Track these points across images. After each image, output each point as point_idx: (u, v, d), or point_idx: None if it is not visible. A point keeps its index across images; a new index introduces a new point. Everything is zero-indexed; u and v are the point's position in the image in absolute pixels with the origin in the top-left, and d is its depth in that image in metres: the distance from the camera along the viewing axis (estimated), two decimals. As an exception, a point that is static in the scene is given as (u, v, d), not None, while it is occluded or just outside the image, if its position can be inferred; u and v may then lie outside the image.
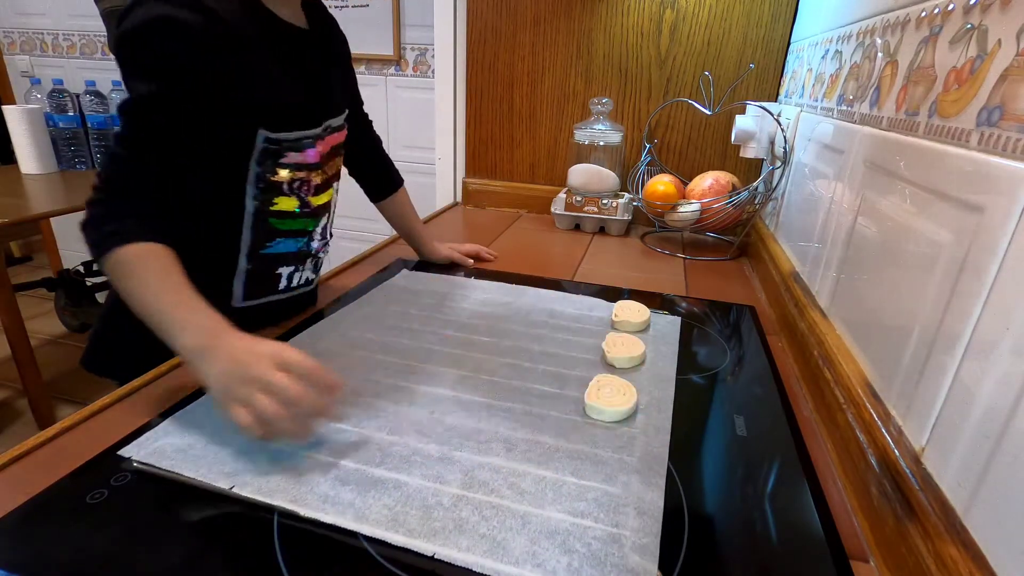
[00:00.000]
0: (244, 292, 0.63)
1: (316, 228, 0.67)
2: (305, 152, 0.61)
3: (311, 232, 0.67)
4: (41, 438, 0.46)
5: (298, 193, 0.62)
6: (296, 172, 0.61)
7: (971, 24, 0.41)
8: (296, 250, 0.66)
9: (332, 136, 0.66)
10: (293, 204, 0.63)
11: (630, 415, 0.52)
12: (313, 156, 0.62)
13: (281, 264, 0.65)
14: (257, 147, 0.57)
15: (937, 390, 0.38)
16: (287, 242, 0.64)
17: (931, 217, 0.43)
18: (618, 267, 0.97)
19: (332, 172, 0.68)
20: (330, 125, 0.65)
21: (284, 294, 0.68)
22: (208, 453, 0.44)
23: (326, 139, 0.64)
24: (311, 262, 0.70)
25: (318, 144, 0.62)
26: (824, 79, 0.80)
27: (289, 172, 0.60)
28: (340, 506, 0.40)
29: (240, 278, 0.63)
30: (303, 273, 0.69)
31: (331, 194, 0.69)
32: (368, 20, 1.61)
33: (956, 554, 0.32)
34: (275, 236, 0.63)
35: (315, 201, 0.65)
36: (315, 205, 0.65)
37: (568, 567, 0.36)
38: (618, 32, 1.17)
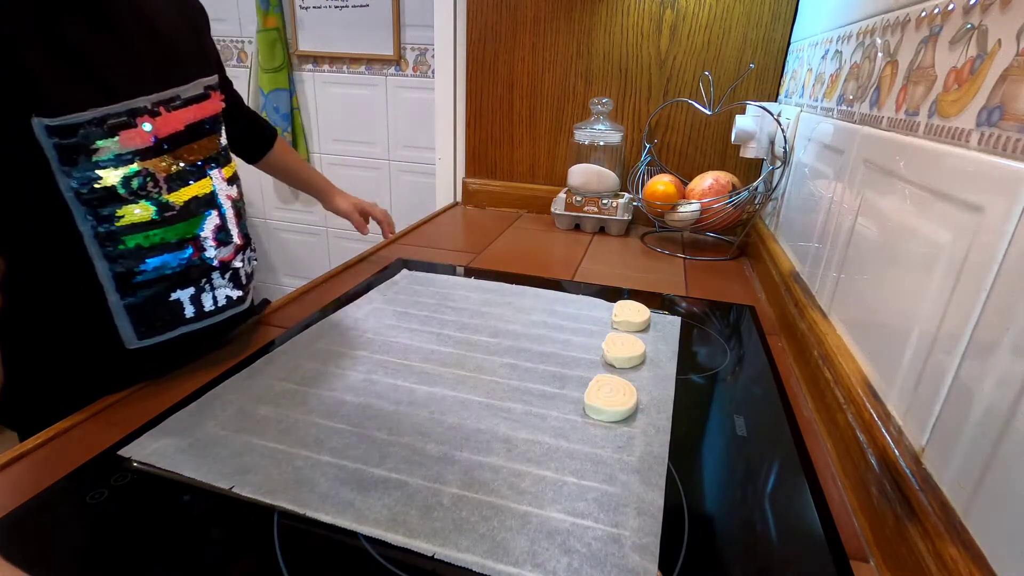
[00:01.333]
0: (136, 330, 0.51)
1: (202, 231, 0.54)
2: (124, 135, 0.46)
3: (196, 238, 0.53)
4: (41, 438, 0.46)
5: (145, 195, 0.48)
6: (125, 166, 0.46)
7: (971, 24, 0.41)
8: (180, 266, 0.52)
9: (181, 111, 0.51)
10: (146, 211, 0.49)
11: (630, 415, 0.52)
12: (143, 139, 0.47)
13: (172, 289, 0.52)
14: (45, 145, 0.43)
15: (937, 390, 0.38)
16: (162, 259, 0.51)
17: (931, 217, 0.43)
18: (618, 267, 0.97)
19: (199, 157, 0.53)
20: (179, 95, 0.51)
21: (200, 321, 0.55)
22: (208, 453, 0.44)
23: (169, 115, 0.50)
24: (224, 276, 0.57)
25: (143, 121, 0.47)
26: (824, 79, 0.80)
27: (115, 169, 0.46)
28: (340, 506, 0.40)
29: (122, 316, 0.50)
30: (216, 292, 0.56)
31: (208, 184, 0.54)
32: (368, 20, 1.61)
33: (956, 554, 0.32)
34: (141, 256, 0.49)
35: (178, 199, 0.51)
36: (180, 204, 0.51)
37: (568, 567, 0.36)
38: (618, 32, 1.17)
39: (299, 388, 0.54)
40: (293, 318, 0.70)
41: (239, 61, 1.81)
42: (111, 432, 0.47)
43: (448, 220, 1.27)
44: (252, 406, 0.50)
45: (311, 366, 0.58)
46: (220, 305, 0.56)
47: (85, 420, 0.49)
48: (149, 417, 0.48)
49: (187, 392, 0.52)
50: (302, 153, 1.81)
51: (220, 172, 0.56)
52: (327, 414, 0.50)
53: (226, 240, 0.57)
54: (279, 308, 0.74)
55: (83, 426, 0.49)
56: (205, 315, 0.55)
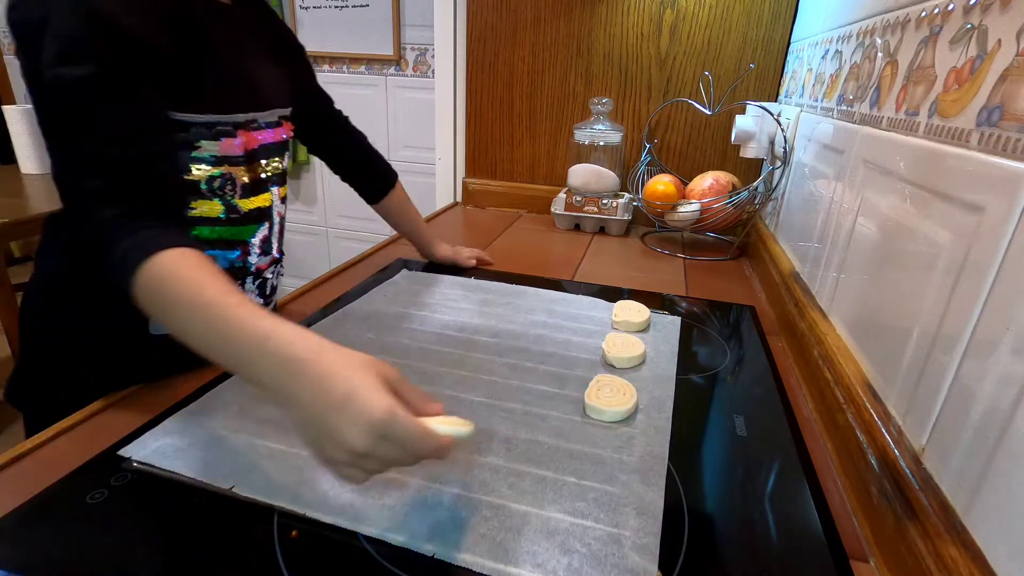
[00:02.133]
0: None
1: (253, 239, 0.59)
2: (222, 142, 0.53)
3: (247, 243, 0.58)
4: (41, 438, 0.46)
5: (221, 195, 0.54)
6: (213, 168, 0.53)
7: (971, 24, 0.41)
8: (227, 265, 0.57)
9: (263, 132, 0.58)
10: (216, 208, 0.54)
11: (630, 415, 0.52)
12: (235, 148, 0.54)
13: None
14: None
15: (937, 390, 0.38)
16: (212, 254, 0.55)
17: (931, 217, 0.43)
18: (618, 267, 0.97)
19: (267, 174, 0.60)
20: (258, 119, 0.58)
21: None
22: (208, 453, 0.44)
23: (253, 134, 0.57)
24: (254, 282, 0.61)
25: (239, 135, 0.54)
26: (824, 79, 0.80)
27: (206, 168, 0.52)
28: (339, 506, 0.40)
29: None
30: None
31: (269, 199, 0.60)
32: (368, 20, 1.61)
33: (956, 554, 0.32)
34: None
35: (245, 205, 0.57)
36: (246, 210, 0.57)
37: (568, 567, 0.36)
38: (618, 32, 1.17)
39: (299, 388, 0.54)
40: (293, 318, 0.70)
41: (239, 61, 1.81)
42: (111, 432, 0.47)
43: (448, 220, 1.27)
44: (252, 406, 0.50)
45: (311, 366, 0.58)
46: None
47: (85, 420, 0.49)
48: (149, 417, 0.48)
49: (187, 392, 0.52)
50: (301, 154, 1.81)
51: (278, 190, 0.62)
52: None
53: (267, 251, 0.62)
54: (279, 308, 0.74)
55: (83, 426, 0.49)
56: None
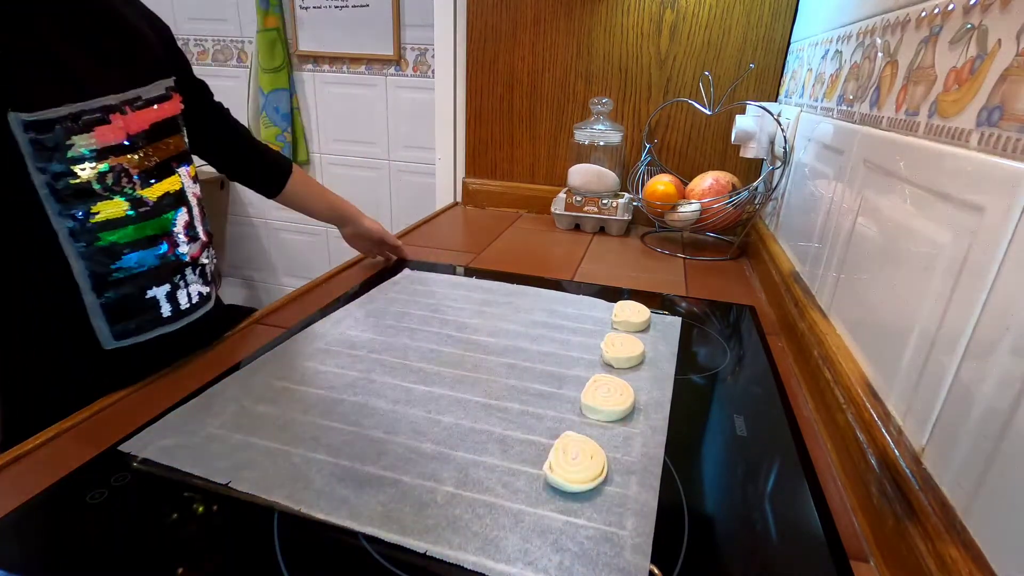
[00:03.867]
0: (112, 330, 0.51)
1: (175, 228, 0.55)
2: (97, 132, 0.47)
3: (170, 234, 0.54)
4: (41, 438, 0.46)
5: (119, 190, 0.49)
6: (99, 162, 0.48)
7: (971, 24, 0.41)
8: (156, 262, 0.53)
9: (146, 111, 0.53)
10: (121, 207, 0.50)
11: (627, 415, 0.52)
12: (116, 134, 0.49)
13: (147, 285, 0.53)
14: (21, 141, 0.43)
15: (937, 390, 0.38)
16: (138, 255, 0.52)
17: (931, 217, 0.43)
18: (618, 267, 0.97)
19: (166, 154, 0.55)
20: (140, 96, 0.52)
21: (178, 321, 0.56)
22: (207, 450, 0.44)
23: (135, 115, 0.51)
24: (193, 272, 0.58)
25: (115, 119, 0.49)
26: (824, 79, 0.80)
27: (91, 165, 0.47)
28: (335, 502, 0.40)
29: (98, 315, 0.50)
30: (190, 288, 0.57)
31: (178, 181, 0.56)
32: (368, 20, 1.61)
33: (956, 554, 0.32)
34: (118, 253, 0.50)
35: (151, 194, 0.52)
36: (154, 199, 0.52)
37: (559, 565, 0.36)
38: (618, 32, 1.17)
39: (297, 387, 0.54)
40: (293, 318, 0.70)
41: (239, 61, 1.81)
42: (111, 432, 0.47)
43: (448, 220, 1.27)
44: (251, 404, 0.50)
45: (310, 365, 0.58)
46: (194, 302, 0.58)
47: (85, 420, 0.49)
48: (149, 416, 0.48)
49: (187, 391, 0.52)
50: (302, 154, 1.81)
51: (187, 170, 0.58)
52: (324, 413, 0.50)
53: (195, 236, 0.58)
54: (279, 308, 0.74)
55: (83, 426, 0.49)
56: (181, 313, 0.56)
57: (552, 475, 0.42)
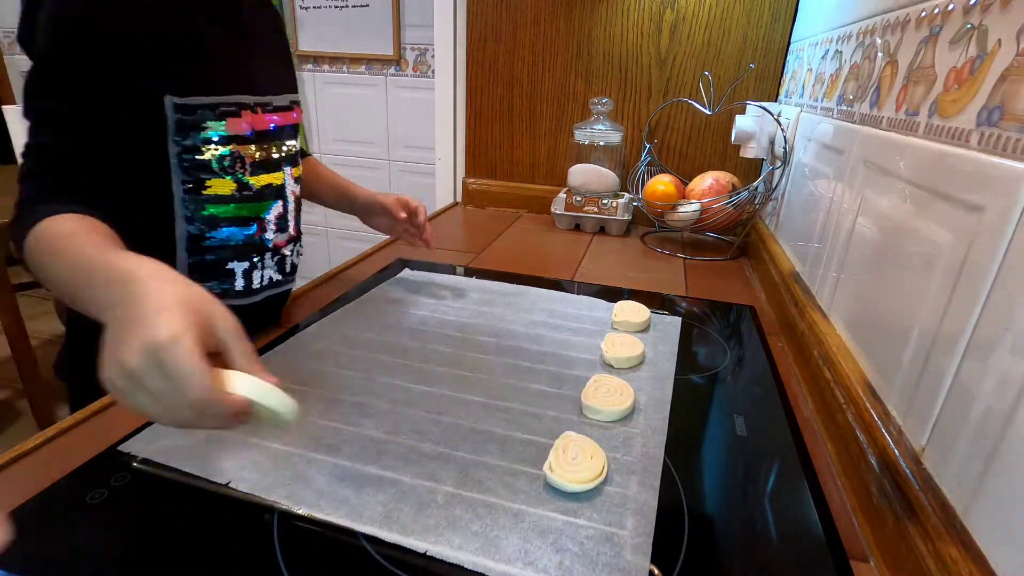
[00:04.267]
0: None
1: (268, 215, 0.62)
2: (228, 123, 0.56)
3: (262, 220, 0.62)
4: (41, 438, 0.46)
5: (232, 172, 0.57)
6: (222, 147, 0.56)
7: (971, 24, 0.41)
8: (243, 240, 0.60)
9: (271, 115, 0.61)
10: (229, 186, 0.57)
11: (627, 415, 0.52)
12: (243, 127, 0.57)
13: (230, 257, 0.60)
14: (170, 118, 0.52)
15: (937, 390, 0.38)
16: (231, 231, 0.59)
17: (931, 217, 0.43)
18: (618, 267, 0.97)
19: (280, 154, 0.63)
20: (272, 102, 0.61)
21: (246, 298, 0.62)
22: (206, 450, 0.44)
23: (262, 115, 0.60)
24: (273, 258, 0.65)
25: (245, 115, 0.57)
26: (824, 79, 0.80)
27: (215, 148, 0.55)
28: (335, 502, 0.40)
29: (184, 272, 0.55)
30: (264, 272, 0.64)
31: (281, 177, 0.63)
32: (368, 20, 1.61)
33: (956, 554, 0.32)
34: (216, 224, 0.58)
35: (257, 182, 0.60)
36: (258, 187, 0.60)
37: (559, 565, 0.36)
38: (618, 32, 1.17)
39: (297, 387, 0.54)
40: (293, 318, 0.70)
41: (239, 61, 1.81)
42: (111, 432, 0.47)
43: (448, 220, 1.27)
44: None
45: (310, 365, 0.58)
46: (264, 284, 0.64)
47: (85, 420, 0.49)
48: (148, 417, 0.48)
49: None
50: (302, 153, 1.81)
51: (291, 170, 0.66)
52: (324, 412, 0.50)
53: (284, 228, 0.65)
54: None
55: (83, 426, 0.49)
56: (251, 291, 0.62)
57: (552, 475, 0.42)
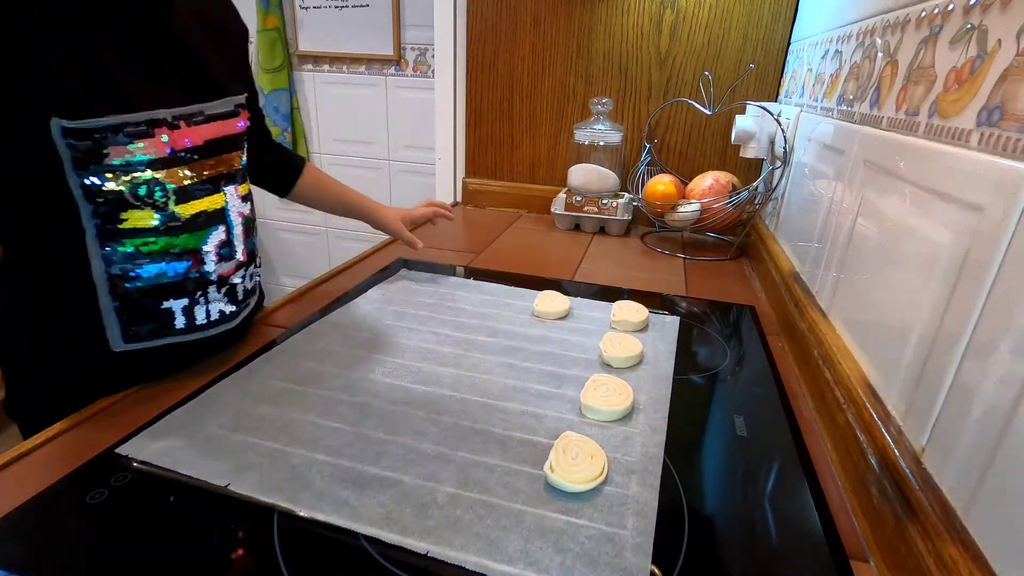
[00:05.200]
0: (123, 333, 0.51)
1: (205, 246, 0.53)
2: (138, 144, 0.46)
3: (197, 252, 0.53)
4: (41, 438, 0.46)
5: (150, 203, 0.48)
6: (134, 174, 0.47)
7: (971, 24, 0.41)
8: (180, 277, 0.52)
9: (201, 127, 0.52)
10: (149, 217, 0.49)
11: (626, 414, 0.52)
12: (158, 148, 0.48)
13: (165, 297, 0.52)
14: (60, 146, 0.44)
15: (937, 390, 0.38)
16: (158, 267, 0.51)
17: (931, 217, 0.43)
18: (618, 267, 0.97)
19: (215, 172, 0.54)
20: (203, 111, 0.52)
21: (188, 334, 0.54)
22: (206, 452, 0.44)
23: (189, 129, 0.50)
24: (221, 291, 0.56)
25: (161, 133, 0.48)
26: (824, 79, 0.80)
27: (125, 176, 0.47)
28: (335, 504, 0.40)
29: (111, 318, 0.50)
30: (210, 306, 0.55)
31: (220, 200, 0.54)
32: (368, 20, 1.61)
33: (956, 554, 0.32)
34: (138, 262, 0.50)
35: (185, 211, 0.51)
36: (187, 216, 0.51)
37: (561, 566, 0.36)
38: (618, 32, 1.17)
39: (297, 388, 0.54)
40: (293, 318, 0.70)
41: (239, 61, 1.81)
42: (111, 432, 0.47)
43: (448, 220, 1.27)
44: (250, 405, 0.50)
45: (309, 366, 0.58)
46: (212, 319, 0.56)
47: (85, 420, 0.49)
48: (149, 417, 0.48)
49: (187, 392, 0.52)
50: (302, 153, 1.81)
51: (236, 189, 0.57)
52: (324, 413, 0.50)
53: (229, 256, 0.57)
54: (279, 308, 0.74)
55: (83, 426, 0.49)
56: (196, 328, 0.55)
57: (552, 475, 0.42)
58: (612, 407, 0.51)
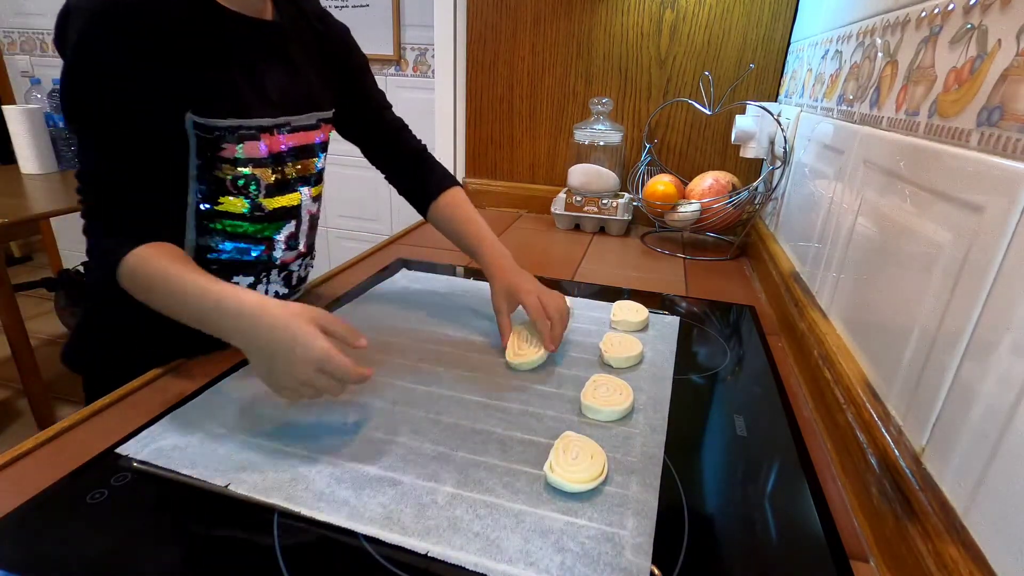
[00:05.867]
0: None
1: (278, 236, 0.63)
2: (247, 145, 0.56)
3: (271, 240, 0.62)
4: (41, 438, 0.46)
5: (246, 193, 0.58)
6: (239, 168, 0.57)
7: (971, 24, 0.41)
8: (252, 259, 0.61)
9: (293, 135, 0.62)
10: (240, 205, 0.58)
11: (626, 414, 0.52)
12: (261, 151, 0.58)
13: (236, 273, 0.61)
14: (191, 135, 0.54)
15: (937, 390, 0.38)
16: (238, 247, 0.60)
17: (931, 217, 0.43)
18: (618, 267, 0.97)
19: (298, 174, 0.63)
20: (290, 122, 0.61)
21: None
22: (206, 452, 0.44)
23: (283, 136, 0.60)
24: (280, 275, 0.66)
25: (264, 138, 0.58)
26: (824, 79, 0.80)
27: (231, 168, 0.56)
28: (335, 504, 0.40)
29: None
30: (270, 286, 0.65)
31: (297, 198, 0.64)
32: (368, 20, 1.61)
33: (956, 554, 0.32)
34: (225, 239, 0.59)
35: (269, 204, 0.60)
36: (270, 208, 0.60)
37: (561, 565, 0.36)
38: (618, 32, 1.17)
39: (298, 388, 0.54)
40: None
41: (239, 61, 1.80)
42: (111, 432, 0.47)
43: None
44: (250, 405, 0.50)
45: (311, 366, 0.58)
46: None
47: (85, 420, 0.49)
48: (149, 417, 0.48)
49: (187, 392, 0.52)
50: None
51: (309, 190, 0.66)
52: (325, 413, 0.50)
53: (294, 246, 0.66)
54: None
55: (83, 426, 0.49)
56: None
57: (553, 475, 0.42)
58: (612, 407, 0.51)
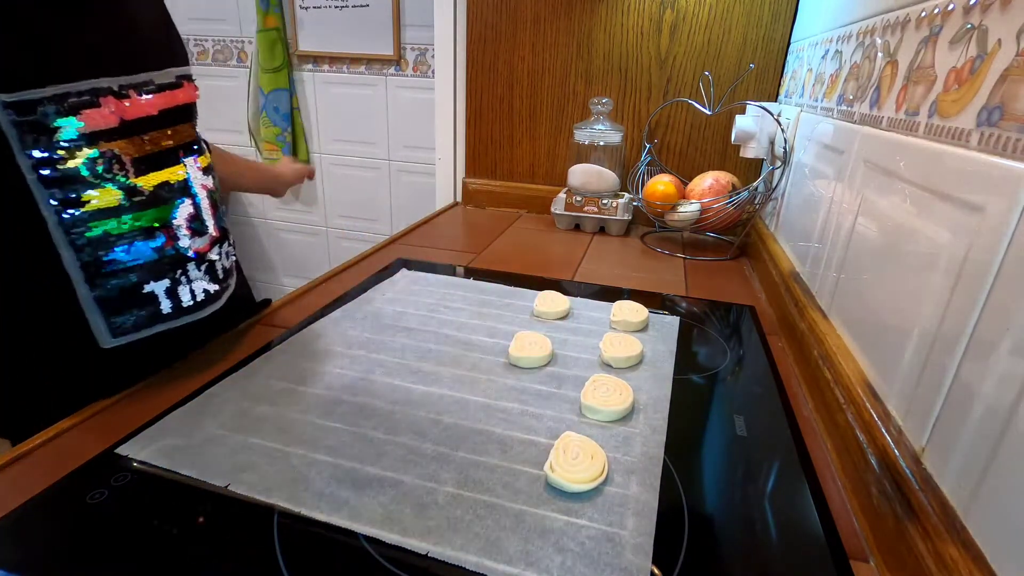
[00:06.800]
0: (110, 327, 0.48)
1: (175, 219, 0.51)
2: (85, 115, 0.44)
3: (168, 226, 0.50)
4: (41, 438, 0.46)
5: (110, 177, 0.46)
6: (88, 147, 0.44)
7: (971, 24, 0.41)
8: (156, 255, 0.50)
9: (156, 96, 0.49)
10: (113, 196, 0.46)
11: (626, 415, 0.52)
12: (107, 120, 0.45)
13: (144, 279, 0.49)
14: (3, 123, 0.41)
15: (937, 390, 0.38)
16: (134, 248, 0.48)
17: (931, 217, 0.43)
18: (618, 267, 0.97)
19: (172, 142, 0.51)
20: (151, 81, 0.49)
21: (177, 318, 0.52)
22: (205, 452, 0.44)
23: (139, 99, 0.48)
24: (199, 268, 0.53)
25: (107, 102, 0.45)
26: (824, 79, 0.80)
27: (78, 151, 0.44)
28: (335, 504, 0.40)
29: (93, 310, 0.47)
30: (194, 285, 0.53)
31: (181, 171, 0.52)
32: (368, 20, 1.61)
33: (956, 554, 0.32)
34: (109, 244, 0.47)
35: (147, 182, 0.48)
36: (150, 188, 0.48)
37: (561, 566, 0.36)
38: (618, 32, 1.17)
39: (297, 388, 0.54)
40: (293, 318, 0.71)
41: (239, 61, 1.81)
42: (111, 432, 0.47)
43: (448, 220, 1.27)
44: (250, 405, 0.50)
45: (309, 366, 0.58)
46: (199, 300, 0.53)
47: (84, 420, 0.49)
48: (148, 417, 0.48)
49: (186, 392, 0.52)
50: (302, 154, 1.81)
51: (195, 160, 0.54)
52: (324, 413, 0.50)
53: (201, 230, 0.54)
54: (279, 308, 0.74)
55: (83, 426, 0.49)
56: (184, 310, 0.52)
57: (553, 475, 0.42)
58: (612, 407, 0.51)
